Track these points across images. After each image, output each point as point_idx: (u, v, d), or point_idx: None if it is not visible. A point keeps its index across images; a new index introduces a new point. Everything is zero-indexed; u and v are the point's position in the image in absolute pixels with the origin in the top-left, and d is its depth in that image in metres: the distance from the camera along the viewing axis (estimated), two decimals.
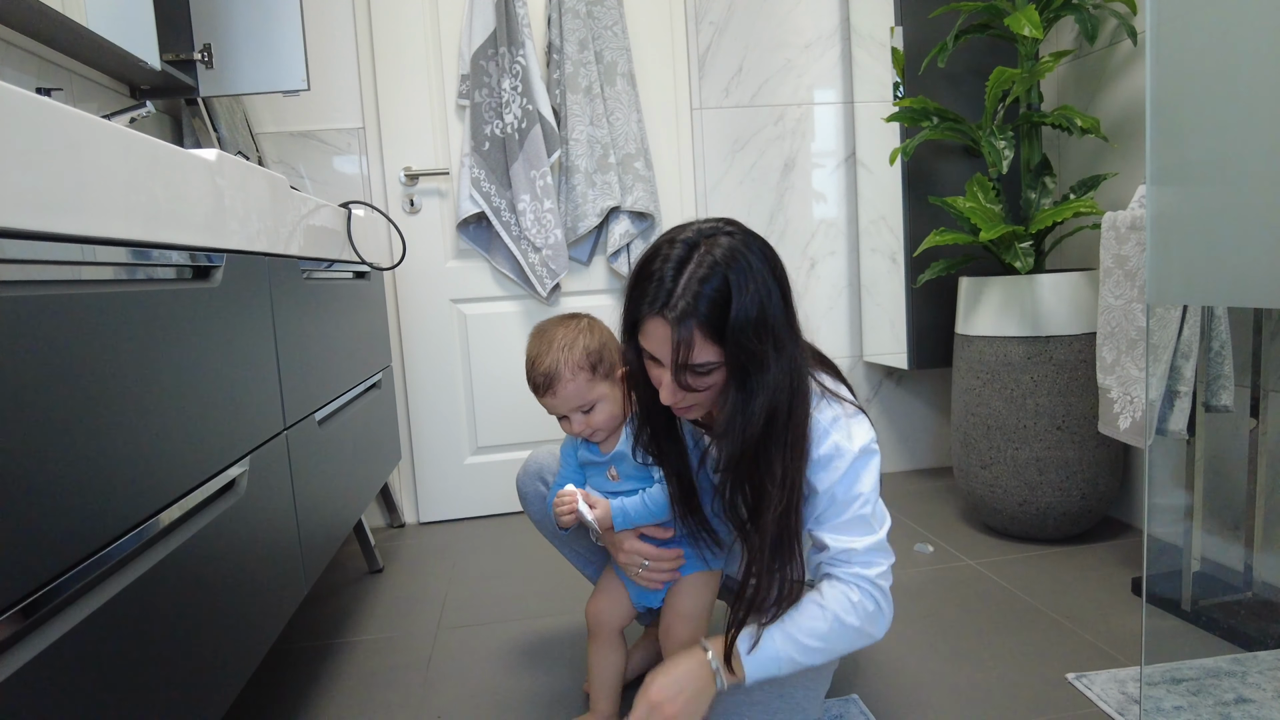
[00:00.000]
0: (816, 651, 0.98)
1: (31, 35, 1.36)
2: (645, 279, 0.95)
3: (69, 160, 0.66)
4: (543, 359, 1.10)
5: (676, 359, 0.92)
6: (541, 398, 1.12)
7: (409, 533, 2.28)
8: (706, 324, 0.91)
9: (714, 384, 0.96)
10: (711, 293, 0.91)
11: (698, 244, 0.93)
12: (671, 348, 0.92)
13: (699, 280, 0.91)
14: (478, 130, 2.16)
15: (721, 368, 0.94)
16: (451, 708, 1.33)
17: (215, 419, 0.92)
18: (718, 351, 0.93)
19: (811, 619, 0.98)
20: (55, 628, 0.62)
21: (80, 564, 0.66)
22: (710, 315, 0.91)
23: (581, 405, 1.11)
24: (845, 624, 0.99)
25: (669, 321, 0.92)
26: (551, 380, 1.09)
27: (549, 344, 1.11)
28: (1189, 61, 0.96)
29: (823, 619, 0.98)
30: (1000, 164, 1.80)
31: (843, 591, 0.99)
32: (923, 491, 2.34)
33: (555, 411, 1.13)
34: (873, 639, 1.02)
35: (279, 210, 1.23)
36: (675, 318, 0.91)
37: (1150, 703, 1.21)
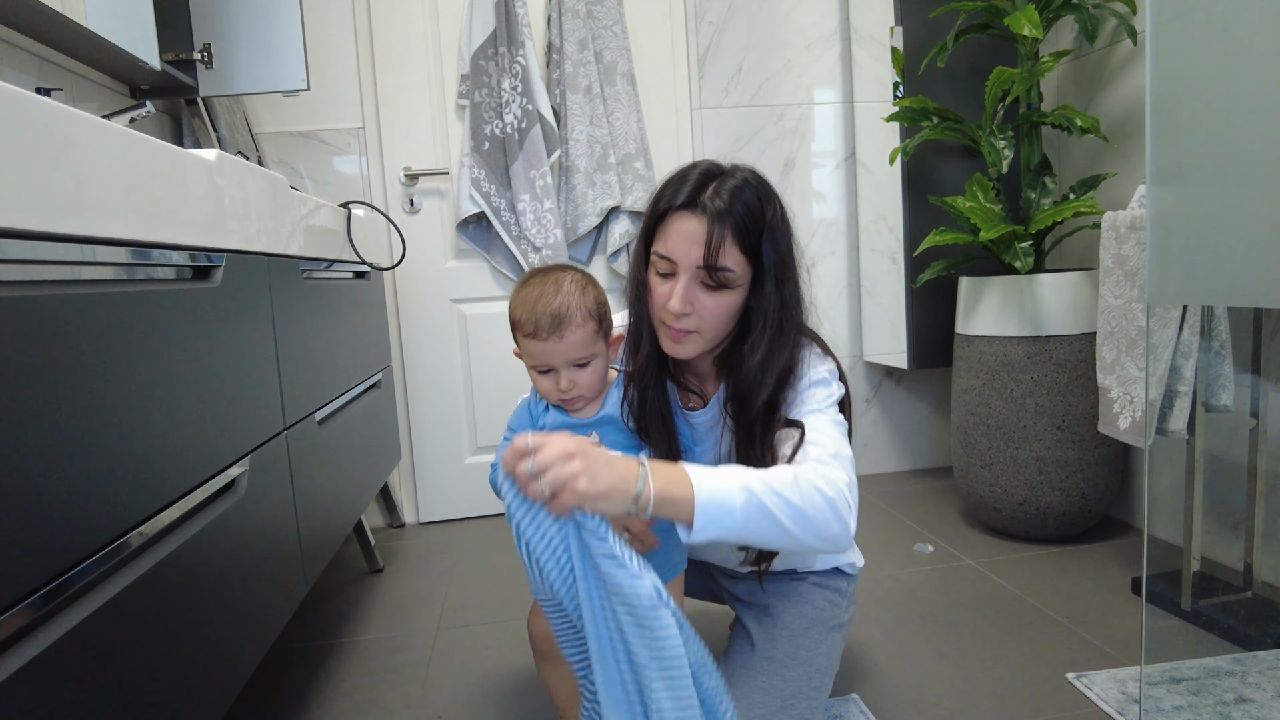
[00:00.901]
0: (783, 501, 0.83)
1: (31, 35, 1.36)
2: (673, 182, 0.97)
3: (69, 160, 0.66)
4: (550, 299, 0.95)
5: (706, 254, 0.93)
6: (540, 341, 0.95)
7: (409, 533, 2.28)
8: (739, 231, 0.94)
9: (726, 304, 0.97)
10: (745, 203, 0.94)
11: (722, 167, 0.98)
12: (703, 242, 0.93)
13: (733, 189, 0.95)
14: (477, 130, 2.16)
15: (737, 288, 0.96)
16: (451, 708, 1.33)
17: (215, 419, 0.92)
18: (742, 262, 0.95)
19: (774, 471, 0.87)
20: (55, 627, 0.62)
21: (80, 564, 0.66)
22: (745, 224, 0.94)
23: (580, 358, 0.98)
24: (815, 486, 0.85)
25: (705, 215, 0.93)
26: (561, 322, 0.94)
27: (556, 285, 0.97)
28: (1189, 61, 0.96)
29: (788, 472, 0.86)
30: (1000, 164, 1.80)
31: (809, 466, 0.89)
32: (923, 491, 2.34)
33: (548, 361, 0.97)
34: (844, 530, 0.87)
35: (279, 210, 1.23)
36: (714, 211, 0.93)
37: (1150, 703, 1.21)
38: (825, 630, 1.14)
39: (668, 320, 0.99)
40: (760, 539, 0.84)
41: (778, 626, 1.13)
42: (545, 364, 0.98)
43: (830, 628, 1.15)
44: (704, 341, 1.00)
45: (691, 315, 0.97)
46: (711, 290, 0.96)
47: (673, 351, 1.01)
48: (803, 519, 0.84)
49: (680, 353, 1.01)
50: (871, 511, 2.18)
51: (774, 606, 1.16)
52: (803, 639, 1.11)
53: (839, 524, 0.86)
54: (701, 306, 0.97)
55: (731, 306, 0.98)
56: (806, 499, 0.84)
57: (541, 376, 1.00)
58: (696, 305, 0.97)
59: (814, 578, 1.20)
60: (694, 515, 0.80)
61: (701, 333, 0.98)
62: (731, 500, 0.81)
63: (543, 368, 0.99)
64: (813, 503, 0.85)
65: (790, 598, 1.17)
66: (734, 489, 0.82)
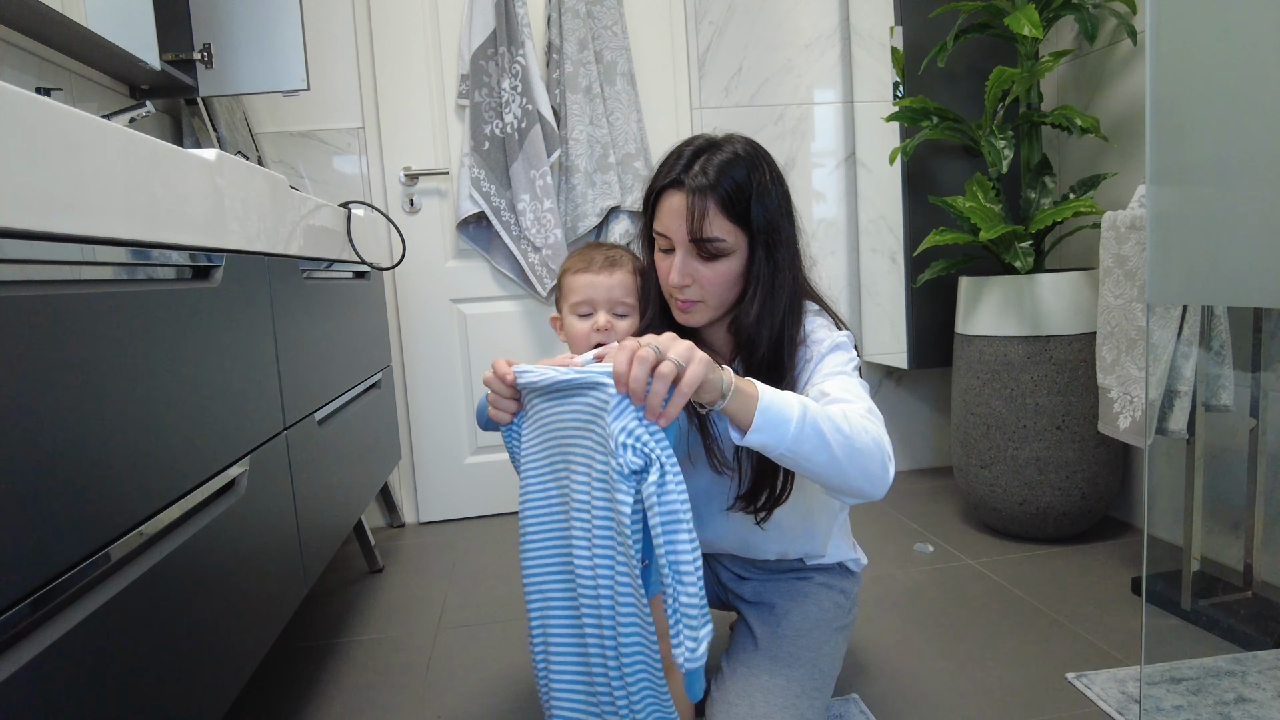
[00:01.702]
0: (836, 428, 0.84)
1: (31, 35, 1.36)
2: (666, 162, 1.04)
3: (69, 160, 0.66)
4: (605, 249, 1.10)
5: (692, 226, 0.98)
6: (592, 274, 1.06)
7: (409, 533, 2.28)
8: (725, 202, 0.99)
9: (723, 272, 1.01)
10: (732, 176, 0.99)
11: (715, 140, 1.03)
12: (686, 216, 0.98)
13: (721, 163, 1.00)
14: (477, 130, 2.16)
15: (733, 255, 1.01)
16: (451, 708, 1.33)
17: (215, 419, 0.92)
18: (733, 231, 1.00)
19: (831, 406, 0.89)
20: (55, 627, 0.62)
21: (80, 564, 0.66)
22: (730, 194, 0.99)
23: (620, 302, 1.08)
24: (867, 428, 0.87)
25: (686, 190, 0.99)
26: (614, 264, 1.07)
27: (611, 245, 1.12)
28: (1189, 61, 0.96)
29: (840, 409, 0.88)
30: (1000, 164, 1.80)
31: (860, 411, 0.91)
32: (923, 491, 2.34)
33: (592, 296, 1.06)
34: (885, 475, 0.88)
35: (279, 210, 1.23)
36: (693, 187, 0.98)
37: (1150, 702, 1.21)
38: (829, 631, 1.14)
39: (674, 293, 1.05)
40: (808, 456, 0.84)
41: (781, 626, 1.13)
42: (588, 301, 1.05)
43: (834, 629, 1.15)
44: (710, 310, 1.05)
45: (692, 286, 1.03)
46: (707, 260, 1.01)
47: (684, 321, 1.06)
48: (851, 449, 0.85)
49: (691, 321, 1.06)
50: (872, 511, 2.18)
51: (779, 606, 1.16)
52: (806, 639, 1.11)
53: (880, 467, 0.88)
54: (701, 277, 1.02)
55: (730, 274, 1.02)
56: (856, 432, 0.86)
57: (579, 321, 1.06)
58: (696, 276, 1.02)
59: (820, 577, 1.20)
60: (755, 415, 0.82)
61: (706, 301, 1.04)
62: (789, 411, 0.83)
63: (584, 308, 1.06)
64: (861, 438, 0.86)
65: (795, 598, 1.17)
66: (793, 403, 0.84)
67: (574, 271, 1.08)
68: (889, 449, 0.90)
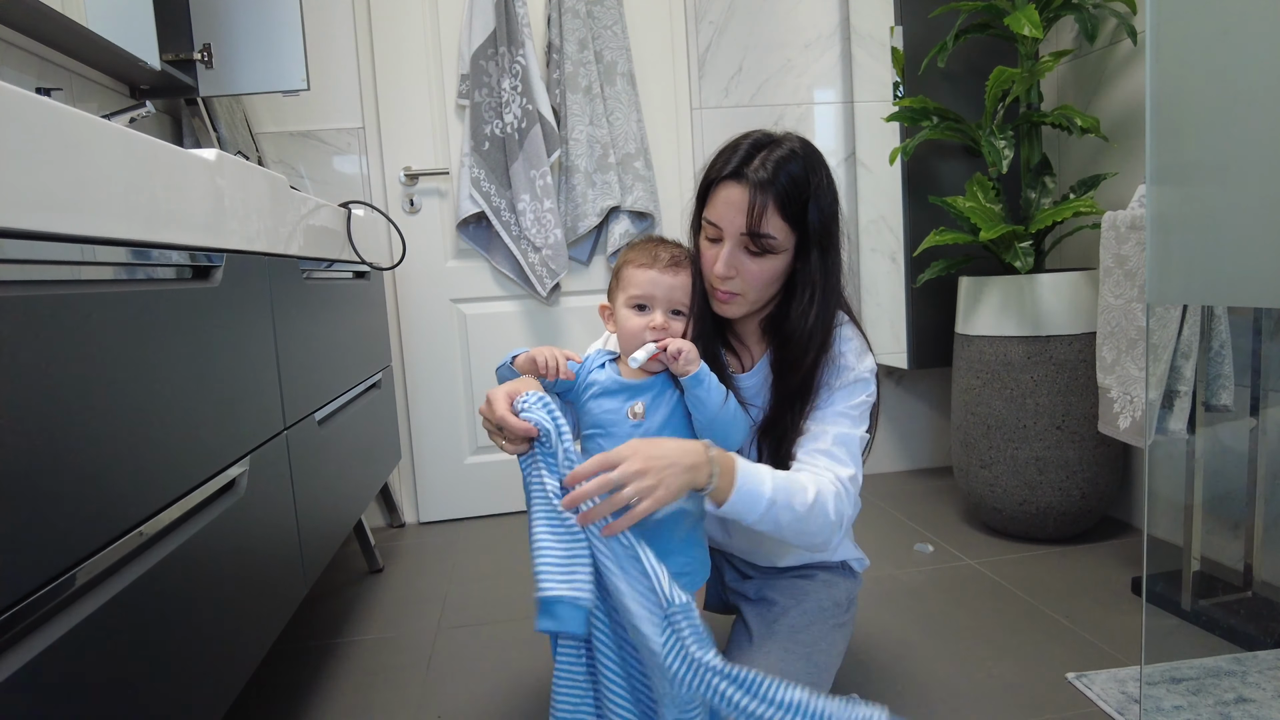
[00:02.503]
0: (795, 518, 0.95)
1: (31, 35, 1.36)
2: (724, 153, 1.05)
3: (69, 160, 0.66)
4: (671, 247, 1.05)
5: (749, 221, 1.00)
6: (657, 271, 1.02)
7: (409, 533, 2.28)
8: (782, 200, 1.00)
9: (769, 269, 1.03)
10: (790, 174, 1.01)
11: (774, 136, 1.05)
12: (745, 210, 1.00)
13: (780, 159, 1.01)
14: (477, 130, 2.16)
15: (781, 254, 1.03)
16: (451, 708, 1.33)
17: (215, 419, 0.92)
18: (785, 230, 1.01)
19: (802, 488, 0.97)
20: (55, 627, 0.62)
21: (80, 564, 0.66)
22: (788, 193, 1.00)
23: (681, 303, 1.03)
24: (825, 511, 0.97)
25: (747, 184, 1.00)
26: (679, 264, 1.03)
27: (676, 244, 1.07)
28: (1189, 61, 0.96)
29: (812, 493, 0.97)
30: (1000, 164, 1.80)
31: (828, 480, 0.99)
32: (923, 491, 2.34)
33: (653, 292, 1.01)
34: (824, 546, 1.01)
35: (279, 210, 1.23)
36: (755, 181, 1.00)
37: (1150, 702, 1.21)
38: (825, 628, 1.14)
39: (714, 283, 1.05)
40: (764, 529, 0.96)
41: (779, 622, 1.13)
42: (648, 296, 1.02)
43: (832, 626, 1.15)
44: (748, 304, 1.06)
45: (735, 279, 1.04)
46: (755, 256, 1.03)
47: (720, 311, 1.08)
48: (801, 531, 0.97)
49: (727, 312, 1.08)
50: (872, 511, 2.18)
51: (779, 603, 1.16)
52: (803, 635, 1.12)
53: (822, 539, 1.00)
54: (745, 271, 1.03)
55: (774, 271, 1.04)
56: (814, 519, 0.97)
57: (635, 313, 1.03)
58: (740, 269, 1.03)
59: (823, 575, 1.21)
60: (729, 500, 0.92)
61: (745, 295, 1.05)
62: (759, 503, 0.93)
63: (642, 301, 1.02)
64: (818, 524, 0.97)
65: (796, 595, 1.17)
66: (765, 494, 0.93)
67: (637, 265, 1.04)
68: (846, 522, 1.01)
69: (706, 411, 1.00)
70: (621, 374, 1.04)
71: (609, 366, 1.06)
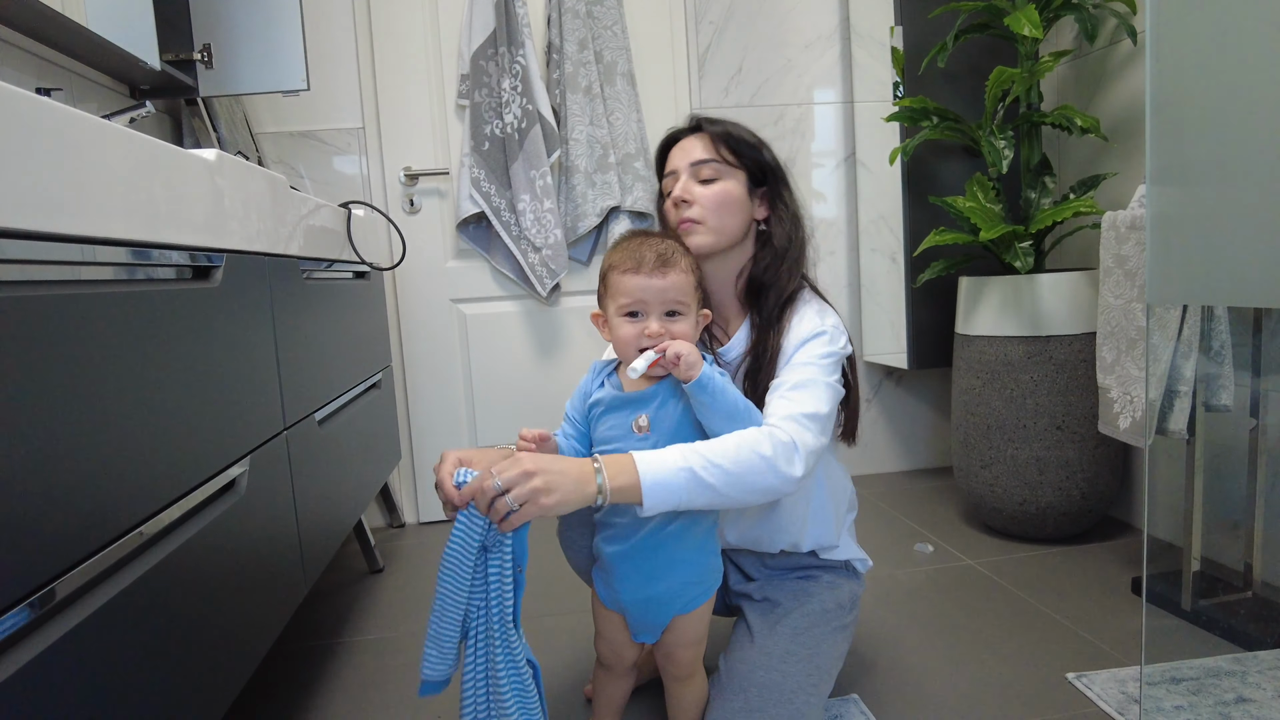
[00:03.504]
0: (723, 473, 0.91)
1: (31, 35, 1.36)
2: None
3: (69, 160, 0.66)
4: (655, 244, 1.00)
5: (696, 152, 1.14)
6: (643, 276, 0.97)
7: (409, 533, 2.28)
8: (724, 138, 1.15)
9: (719, 192, 1.12)
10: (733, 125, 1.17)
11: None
12: (692, 148, 1.15)
13: (729, 122, 1.17)
14: (477, 130, 2.16)
15: (729, 180, 1.13)
16: (452, 708, 1.33)
17: (215, 419, 0.92)
18: (731, 158, 1.14)
19: (720, 441, 0.95)
20: (55, 628, 0.62)
21: (80, 564, 0.66)
22: (730, 134, 1.15)
23: (677, 301, 0.98)
24: (755, 450, 0.93)
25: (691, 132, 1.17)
26: (667, 263, 0.98)
27: (660, 238, 1.03)
28: (1189, 61, 0.96)
29: (732, 440, 0.94)
30: (1000, 164, 1.80)
31: (764, 429, 0.97)
32: (923, 491, 2.34)
33: (643, 298, 0.98)
34: (780, 487, 0.95)
35: (279, 210, 1.23)
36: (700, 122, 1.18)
37: (1150, 702, 1.21)
38: (827, 630, 1.14)
39: (675, 219, 1.14)
40: (705, 504, 0.94)
41: (781, 623, 1.13)
42: (639, 302, 0.98)
43: (834, 627, 1.15)
44: (709, 231, 1.12)
45: (694, 206, 1.12)
46: (706, 183, 1.13)
47: (688, 244, 1.11)
48: (737, 481, 0.93)
49: (693, 244, 1.11)
50: (871, 511, 2.18)
51: (782, 604, 1.16)
52: (804, 636, 1.12)
53: (774, 476, 0.94)
54: (699, 197, 1.12)
55: (725, 194, 1.13)
56: (743, 463, 0.93)
57: (626, 322, 0.99)
58: (695, 196, 1.12)
59: (827, 577, 1.21)
60: (642, 498, 0.90)
61: (705, 221, 1.12)
62: (673, 480, 0.91)
63: (633, 308, 0.98)
64: (749, 465, 0.93)
65: (799, 596, 1.17)
66: (674, 470, 0.91)
67: (621, 270, 0.99)
68: (796, 452, 0.96)
69: (714, 416, 0.97)
70: (623, 387, 1.01)
71: (608, 382, 1.03)
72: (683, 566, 1.02)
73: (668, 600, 1.02)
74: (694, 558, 1.02)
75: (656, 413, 0.99)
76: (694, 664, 1.08)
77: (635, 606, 1.03)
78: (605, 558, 1.03)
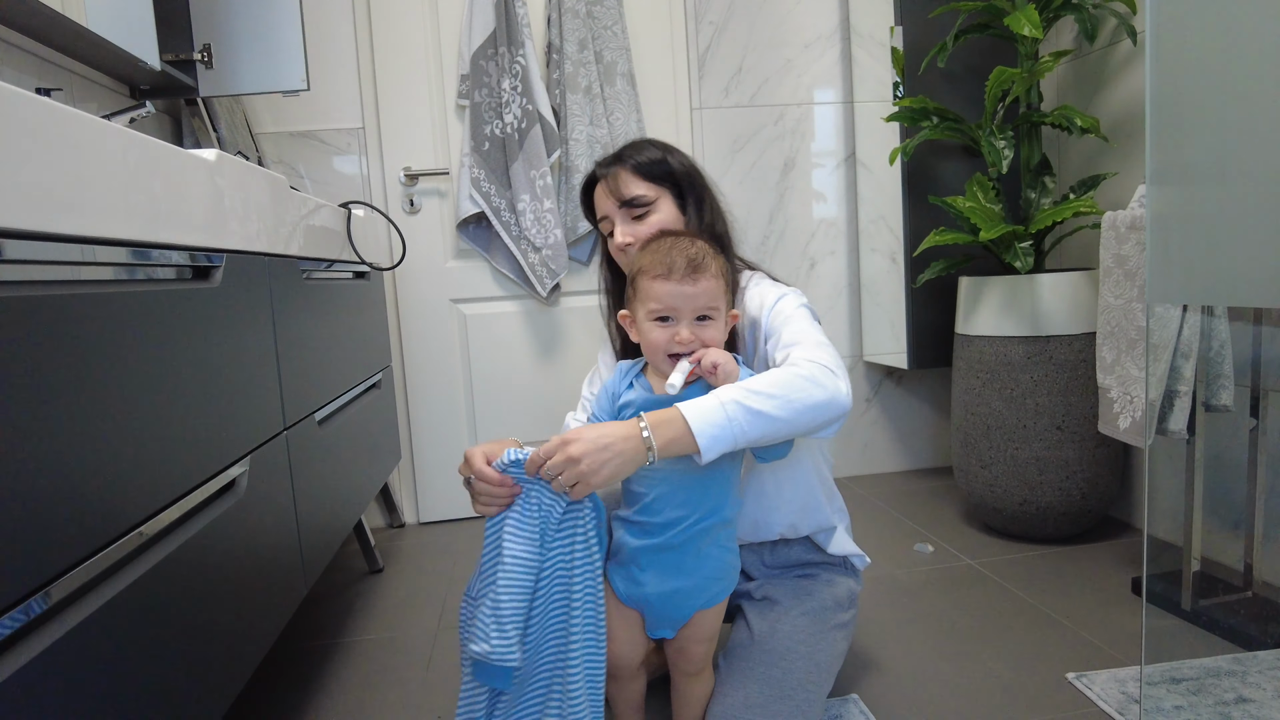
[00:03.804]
0: (768, 398, 0.92)
1: (31, 35, 1.36)
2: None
3: (69, 160, 0.66)
4: (686, 248, 1.00)
5: (615, 193, 1.16)
6: (674, 283, 0.97)
7: (409, 533, 2.28)
8: (637, 168, 1.17)
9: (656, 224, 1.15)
10: (633, 149, 1.19)
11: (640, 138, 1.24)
12: (610, 190, 1.17)
13: (632, 148, 1.20)
14: (477, 130, 2.16)
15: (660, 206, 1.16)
16: (451, 708, 1.33)
17: (215, 419, 0.92)
18: (651, 187, 1.17)
19: (763, 374, 0.96)
20: (55, 628, 0.62)
21: (80, 564, 0.66)
22: (634, 160, 1.17)
23: (708, 307, 0.99)
24: (795, 373, 0.95)
25: (603, 176, 1.19)
26: (698, 268, 0.98)
27: (690, 241, 1.02)
28: (1189, 61, 0.96)
29: (775, 371, 0.96)
30: (1000, 164, 1.80)
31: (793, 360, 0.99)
32: (923, 491, 2.34)
33: (674, 305, 0.98)
34: (834, 399, 0.95)
35: (279, 210, 1.23)
36: (605, 164, 1.20)
37: (1150, 702, 1.21)
38: (827, 627, 1.15)
39: (627, 261, 1.16)
40: (763, 434, 0.93)
41: (781, 621, 1.14)
42: (670, 308, 0.98)
43: (833, 625, 1.16)
44: None
45: (635, 243, 1.14)
46: (640, 219, 1.16)
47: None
48: (788, 402, 0.93)
49: None
50: (871, 511, 2.18)
51: (782, 603, 1.17)
52: (804, 634, 1.12)
53: (823, 390, 0.95)
54: (640, 234, 1.15)
55: (663, 223, 1.15)
56: (786, 384, 0.94)
57: (657, 327, 1.00)
58: (636, 234, 1.15)
59: (825, 574, 1.22)
60: (697, 443, 0.89)
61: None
62: (718, 416, 0.90)
63: (664, 313, 0.99)
64: (793, 385, 0.94)
65: (798, 594, 1.18)
66: (716, 407, 0.91)
67: (651, 276, 0.99)
68: (831, 367, 0.98)
69: None
70: (653, 389, 1.02)
71: (638, 383, 1.04)
72: (709, 562, 1.03)
73: (693, 594, 1.04)
74: (719, 554, 1.04)
75: None
76: (705, 660, 1.09)
77: (660, 600, 1.04)
78: (631, 551, 1.04)
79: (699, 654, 1.08)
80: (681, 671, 1.10)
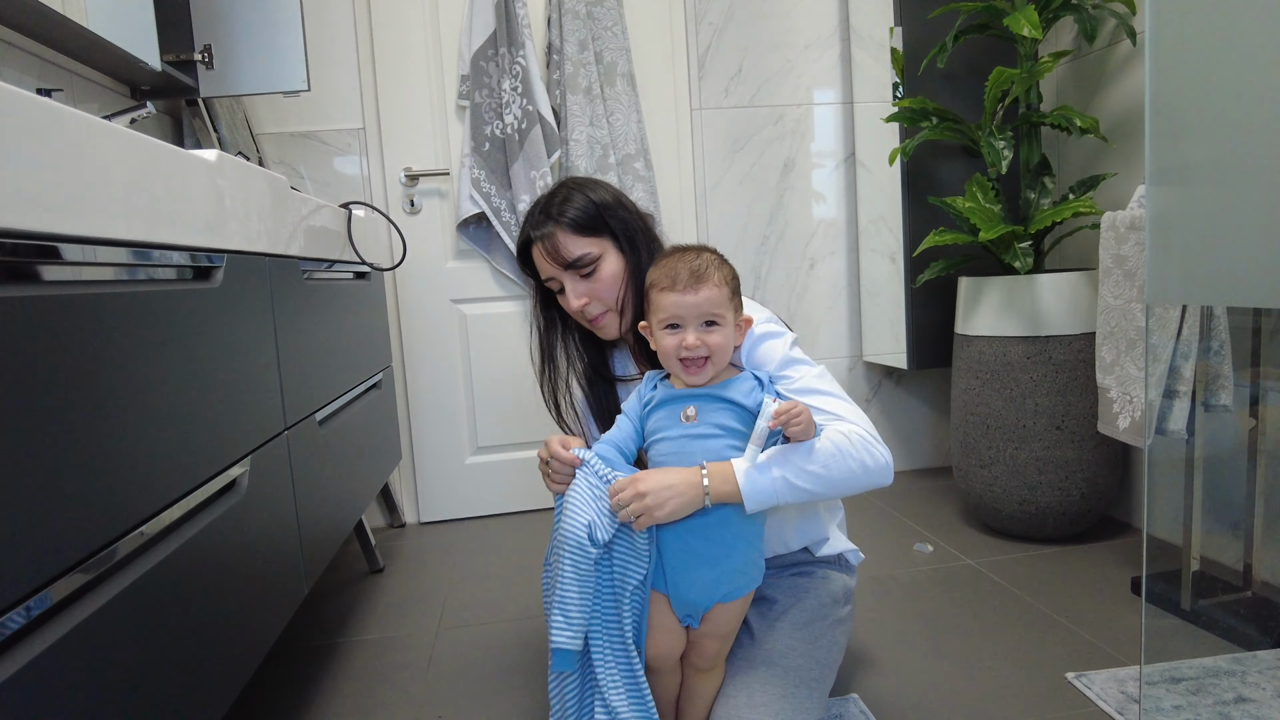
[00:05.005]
0: (815, 477, 1.00)
1: (31, 35, 1.36)
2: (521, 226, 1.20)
3: (69, 161, 0.66)
4: (690, 260, 1.06)
5: (556, 258, 1.14)
6: (677, 293, 1.04)
7: (409, 533, 2.29)
8: (569, 225, 1.14)
9: (607, 277, 1.15)
10: (563, 201, 1.15)
11: (549, 192, 1.19)
12: (549, 253, 1.14)
13: (559, 200, 1.16)
14: (478, 131, 2.16)
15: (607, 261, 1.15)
16: (451, 708, 1.33)
17: (215, 419, 0.92)
18: (592, 243, 1.14)
19: (808, 446, 1.02)
20: (56, 628, 0.62)
21: (80, 564, 0.66)
22: (570, 217, 1.14)
23: (711, 315, 1.04)
24: (841, 449, 1.01)
25: (537, 238, 1.15)
26: (700, 279, 1.04)
27: (697, 251, 1.08)
28: (1188, 61, 0.96)
29: (820, 444, 1.01)
30: (1000, 164, 1.80)
31: (836, 429, 1.04)
32: (922, 491, 2.34)
33: (679, 313, 1.05)
34: (873, 473, 1.03)
35: (279, 211, 1.23)
36: (541, 231, 1.15)
37: (1150, 702, 1.21)
38: (826, 624, 1.15)
39: (581, 318, 1.17)
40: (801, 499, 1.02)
41: (780, 620, 1.14)
42: (675, 317, 1.05)
43: (831, 622, 1.16)
44: (614, 313, 1.17)
45: (590, 303, 1.15)
46: (588, 277, 1.15)
47: (602, 335, 1.20)
48: (832, 483, 1.01)
49: (606, 334, 1.19)
50: (871, 511, 2.18)
51: (778, 602, 1.17)
52: (803, 632, 1.13)
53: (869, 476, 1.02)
54: (591, 291, 1.15)
55: (611, 274, 1.15)
56: (837, 465, 1.01)
57: (667, 334, 1.07)
58: (589, 294, 1.15)
59: (821, 571, 1.22)
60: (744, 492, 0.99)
61: (611, 308, 1.16)
62: (765, 485, 0.99)
63: (671, 321, 1.06)
64: (845, 465, 1.01)
65: (795, 593, 1.18)
66: (766, 478, 0.99)
67: (659, 289, 1.06)
68: (868, 438, 1.03)
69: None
70: (675, 387, 1.10)
71: (661, 386, 1.12)
72: (736, 554, 1.05)
73: (716, 584, 1.05)
74: (746, 548, 1.05)
75: (703, 405, 1.08)
76: (718, 657, 1.10)
77: (684, 587, 1.05)
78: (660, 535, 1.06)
79: (713, 650, 1.09)
80: (693, 666, 1.10)
